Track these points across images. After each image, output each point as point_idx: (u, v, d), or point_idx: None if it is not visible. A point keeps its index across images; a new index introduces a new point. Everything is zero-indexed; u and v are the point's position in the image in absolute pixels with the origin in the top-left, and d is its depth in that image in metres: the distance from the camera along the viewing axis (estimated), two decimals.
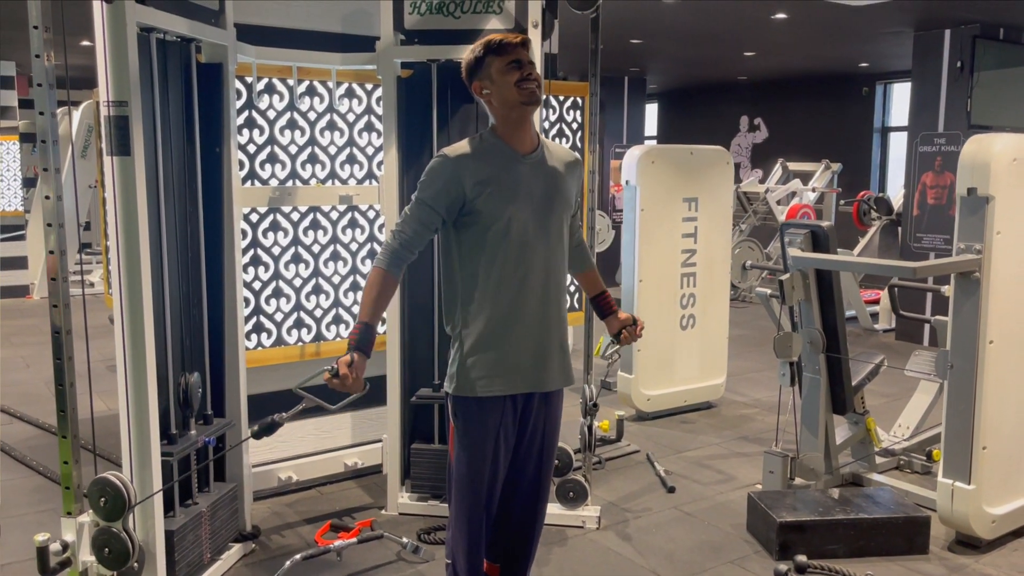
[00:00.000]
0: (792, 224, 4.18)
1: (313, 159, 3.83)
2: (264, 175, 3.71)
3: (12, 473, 4.24)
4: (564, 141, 4.56)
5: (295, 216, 3.81)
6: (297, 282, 3.85)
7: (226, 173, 3.25)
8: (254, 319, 3.73)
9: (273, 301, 3.79)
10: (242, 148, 3.61)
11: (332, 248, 3.92)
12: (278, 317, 3.81)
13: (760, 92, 12.78)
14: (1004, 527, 3.45)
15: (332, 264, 3.93)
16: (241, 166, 3.59)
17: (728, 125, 13.30)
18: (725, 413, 5.40)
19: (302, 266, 3.85)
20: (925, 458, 4.30)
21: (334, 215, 3.91)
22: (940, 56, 7.37)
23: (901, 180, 8.37)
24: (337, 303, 3.97)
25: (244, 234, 3.62)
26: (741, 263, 8.58)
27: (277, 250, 3.78)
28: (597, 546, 3.47)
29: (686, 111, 14.35)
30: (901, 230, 8.08)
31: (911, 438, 4.42)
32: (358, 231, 3.99)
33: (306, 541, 3.46)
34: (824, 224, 4.04)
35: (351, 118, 3.93)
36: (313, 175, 3.85)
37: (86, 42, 7.30)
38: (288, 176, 3.78)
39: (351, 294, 4.01)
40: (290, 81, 3.72)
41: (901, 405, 4.67)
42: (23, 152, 9.62)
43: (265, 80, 3.67)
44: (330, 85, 3.82)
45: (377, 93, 3.91)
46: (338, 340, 3.97)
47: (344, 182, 3.93)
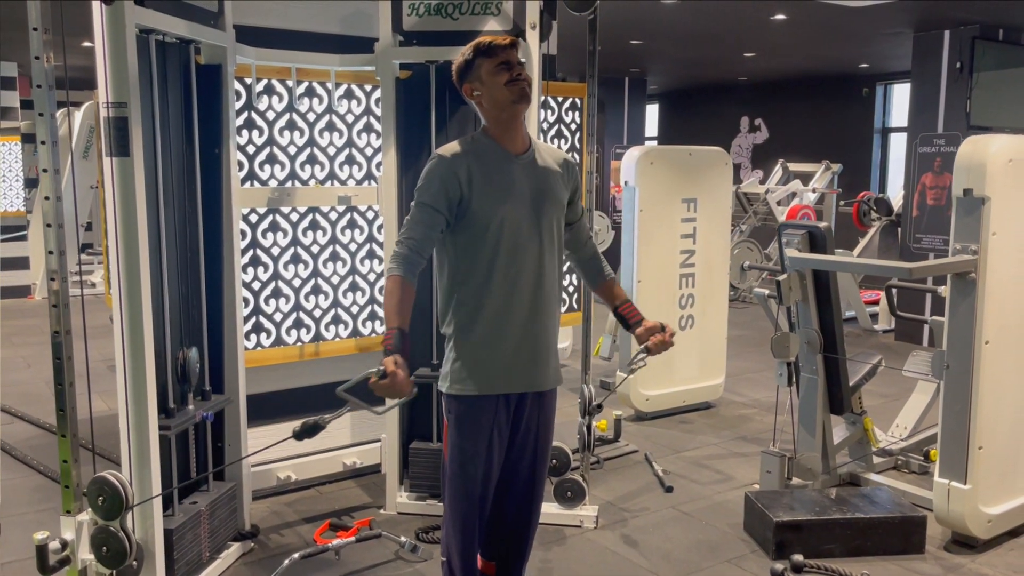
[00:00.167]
0: (789, 225, 4.20)
1: (312, 160, 3.85)
2: (263, 176, 3.73)
3: (13, 472, 4.26)
4: (563, 142, 4.58)
5: (294, 217, 3.82)
6: (296, 282, 3.86)
7: (225, 174, 3.26)
8: (253, 319, 3.75)
9: (272, 301, 3.81)
10: (241, 149, 3.63)
11: (331, 248, 3.94)
12: (277, 317, 3.83)
13: (760, 93, 12.79)
14: (1000, 527, 3.46)
15: (331, 264, 3.95)
16: (240, 167, 3.61)
17: (729, 126, 13.31)
18: (724, 413, 5.41)
19: (301, 266, 3.87)
20: (923, 458, 4.31)
21: (333, 216, 3.93)
22: (939, 57, 7.38)
23: (901, 181, 8.38)
24: (336, 303, 3.98)
25: (243, 234, 3.64)
26: (740, 264, 8.60)
27: (276, 250, 3.79)
28: (594, 545, 3.49)
29: (687, 112, 14.36)
30: (901, 231, 8.08)
31: (909, 438, 4.43)
32: (357, 231, 4.01)
33: (305, 540, 3.47)
34: (821, 225, 4.05)
35: (350, 119, 3.94)
36: (312, 176, 3.86)
37: (88, 43, 7.32)
38: (287, 177, 3.79)
39: (350, 294, 4.02)
40: (289, 82, 3.73)
41: (899, 405, 4.68)
42: (25, 153, 9.64)
43: (264, 81, 3.68)
44: (329, 86, 3.84)
45: (376, 94, 3.92)
46: (337, 340, 3.98)
47: (343, 183, 3.95)
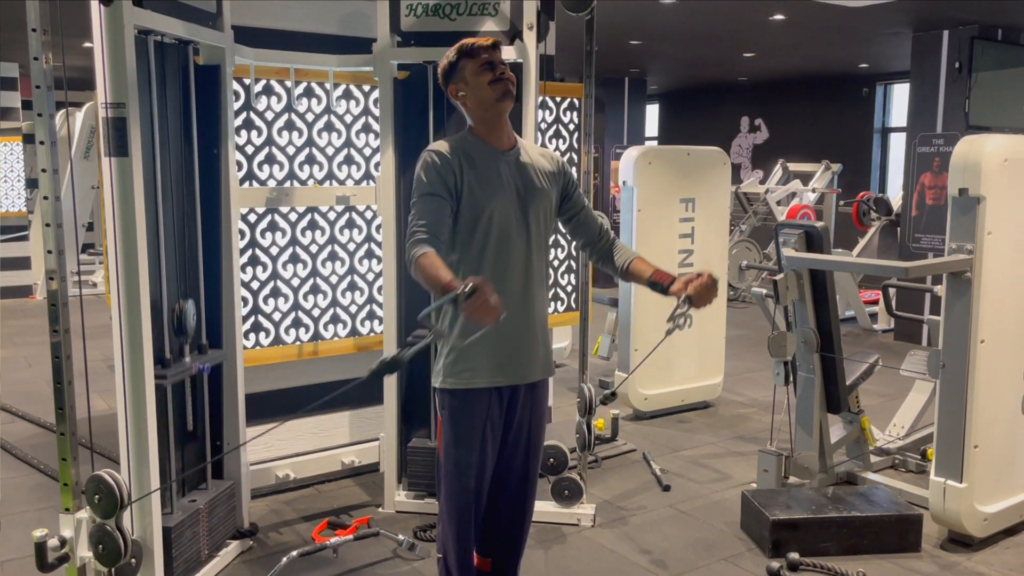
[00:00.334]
0: (786, 224, 4.21)
1: (311, 160, 3.87)
2: (262, 176, 3.75)
3: (13, 471, 4.28)
4: (561, 142, 4.59)
5: (293, 216, 3.84)
6: (295, 282, 3.88)
7: (224, 174, 3.28)
8: (252, 318, 3.76)
9: (271, 301, 3.82)
10: (240, 149, 3.64)
11: (330, 248, 3.96)
12: (276, 317, 3.84)
13: (760, 93, 12.80)
14: (996, 525, 3.47)
15: (330, 264, 3.97)
16: (239, 167, 3.63)
17: (729, 126, 13.32)
18: (722, 413, 5.42)
19: (300, 266, 3.89)
20: (920, 457, 4.31)
21: (332, 215, 3.95)
22: (938, 57, 7.38)
23: (901, 181, 8.39)
24: (335, 303, 4.00)
25: (242, 234, 3.66)
26: (738, 264, 8.61)
27: (275, 250, 3.81)
28: (592, 543, 3.50)
29: (687, 112, 14.37)
30: (900, 230, 8.09)
31: (906, 437, 4.45)
32: (355, 231, 4.02)
33: (303, 538, 3.49)
34: (818, 224, 4.07)
35: (348, 119, 3.96)
36: (311, 176, 3.88)
37: (89, 44, 7.34)
38: (286, 177, 3.81)
39: (348, 294, 4.04)
40: (288, 83, 3.75)
41: (897, 405, 4.70)
42: (27, 153, 9.66)
43: (263, 82, 3.70)
44: (327, 87, 3.85)
45: (374, 94, 3.94)
46: (335, 340, 4.00)
47: (342, 183, 3.96)
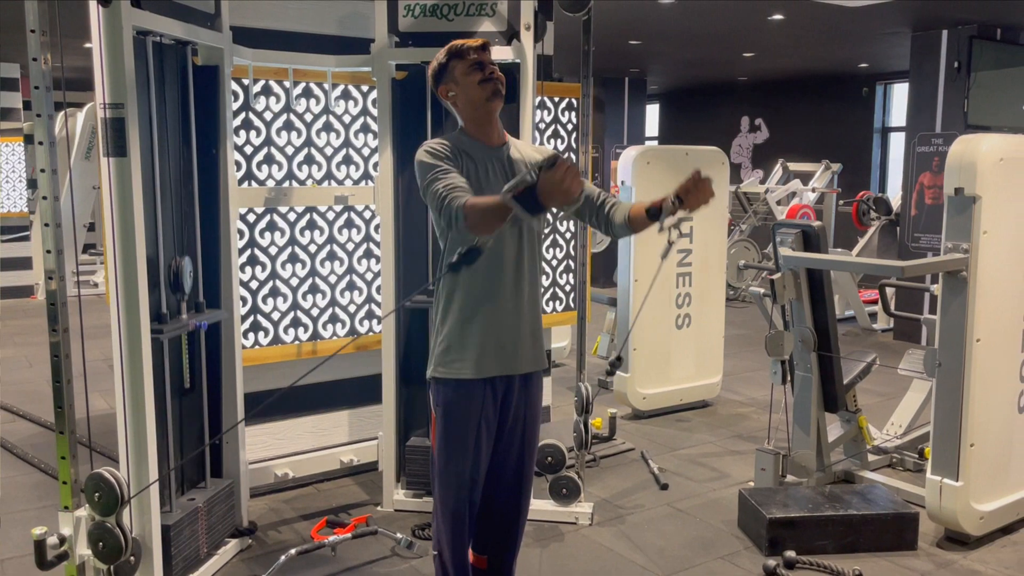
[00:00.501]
0: (784, 224, 4.22)
1: (309, 160, 3.88)
2: (261, 176, 3.76)
3: (13, 470, 4.30)
4: (559, 142, 4.60)
5: (292, 216, 3.86)
6: (294, 282, 3.89)
7: (223, 174, 3.29)
8: (251, 318, 3.78)
9: (270, 300, 3.84)
10: (239, 149, 3.66)
11: (328, 248, 3.97)
12: (275, 316, 3.86)
13: (760, 93, 12.80)
14: (992, 523, 3.48)
15: (328, 264, 3.98)
16: (238, 167, 3.64)
17: (729, 125, 13.33)
18: (721, 412, 5.44)
19: (299, 266, 3.90)
20: (917, 456, 4.32)
21: (330, 215, 3.96)
22: (937, 56, 7.39)
23: (900, 180, 8.39)
24: (334, 302, 4.01)
25: (241, 234, 3.68)
26: (737, 263, 8.62)
27: (274, 250, 3.83)
28: (590, 542, 3.51)
29: (687, 112, 14.37)
30: (899, 230, 8.10)
31: (903, 436, 4.46)
32: (354, 231, 4.04)
33: (302, 537, 3.50)
34: (815, 224, 4.08)
35: (347, 119, 3.97)
36: (310, 176, 3.89)
37: (88, 44, 7.35)
38: (285, 177, 3.82)
39: (347, 293, 4.05)
40: (286, 83, 3.76)
41: (895, 404, 4.71)
42: (28, 153, 9.68)
43: (262, 82, 3.71)
44: (326, 87, 3.87)
45: (373, 95, 3.95)
46: (334, 339, 4.02)
47: (340, 183, 3.98)
